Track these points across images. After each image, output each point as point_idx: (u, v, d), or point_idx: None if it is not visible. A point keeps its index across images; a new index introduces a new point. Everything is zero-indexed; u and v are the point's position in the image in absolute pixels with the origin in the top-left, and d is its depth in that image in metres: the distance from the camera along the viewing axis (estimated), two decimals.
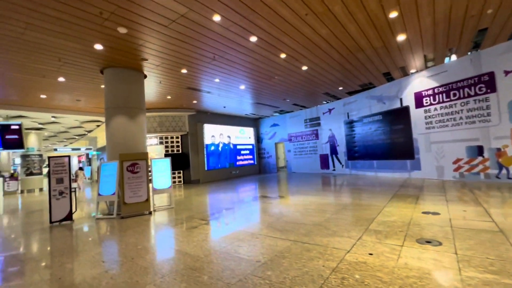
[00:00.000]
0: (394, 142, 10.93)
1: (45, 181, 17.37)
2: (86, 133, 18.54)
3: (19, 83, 8.12)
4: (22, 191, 14.88)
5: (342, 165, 13.99)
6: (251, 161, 18.06)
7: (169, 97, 11.01)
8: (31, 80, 8.00)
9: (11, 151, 13.01)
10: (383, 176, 11.27)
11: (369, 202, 6.24)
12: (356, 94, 12.77)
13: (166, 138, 13.89)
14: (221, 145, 15.70)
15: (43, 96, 9.71)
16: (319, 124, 15.32)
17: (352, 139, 13.15)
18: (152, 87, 9.49)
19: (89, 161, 23.77)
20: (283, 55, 7.36)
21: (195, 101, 12.20)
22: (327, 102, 14.48)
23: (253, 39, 6.22)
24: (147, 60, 7.00)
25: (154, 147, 13.79)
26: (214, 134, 15.31)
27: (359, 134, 12.71)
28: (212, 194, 9.61)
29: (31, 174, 15.15)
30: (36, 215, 7.67)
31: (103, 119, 13.68)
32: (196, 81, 9.17)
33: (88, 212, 7.45)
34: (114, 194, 6.57)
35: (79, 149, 17.68)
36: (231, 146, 16.42)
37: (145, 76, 8.06)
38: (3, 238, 5.28)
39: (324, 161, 15.10)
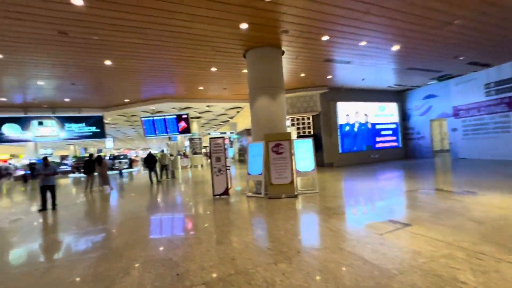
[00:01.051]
0: None
1: (200, 159, 21.48)
2: (229, 119, 21.49)
3: (186, 78, 9.82)
4: (190, 166, 19.25)
5: None
6: (394, 143, 14.96)
7: (302, 74, 10.36)
8: (193, 74, 9.44)
9: (183, 135, 16.95)
10: None
11: None
12: None
13: (298, 119, 13.57)
14: (357, 124, 13.76)
15: (200, 88, 11.51)
16: None
17: None
18: (286, 66, 9.08)
19: (231, 143, 28.04)
20: None
21: (329, 76, 10.96)
22: None
23: None
24: (287, 32, 6.44)
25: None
26: (349, 113, 13.56)
27: None
28: (356, 181, 8.30)
29: (195, 153, 19.26)
30: (200, 186, 9.24)
31: (242, 105, 15.06)
32: (336, 50, 7.90)
33: (241, 189, 8.09)
34: (261, 174, 6.65)
35: (225, 133, 20.95)
36: (369, 126, 14.11)
37: (283, 53, 7.64)
38: (182, 202, 6.47)
39: None
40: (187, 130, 14.87)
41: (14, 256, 3.74)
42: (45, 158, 7.05)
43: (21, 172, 17.90)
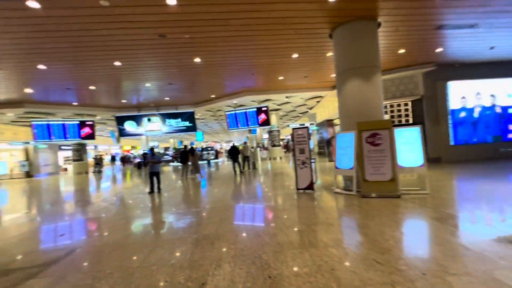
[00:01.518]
0: None
1: (278, 151, 21.41)
2: (308, 110, 20.61)
3: (266, 68, 9.68)
4: (270, 158, 19.51)
5: None
6: None
7: (401, 51, 8.61)
8: (273, 63, 9.19)
9: (262, 127, 17.26)
10: None
11: None
12: None
13: (392, 106, 11.58)
14: (477, 109, 10.68)
15: (280, 78, 11.21)
16: None
17: None
18: (379, 43, 7.66)
19: (309, 135, 27.01)
20: None
21: (439, 50, 8.74)
22: None
23: None
24: None
25: None
26: (466, 95, 10.63)
27: None
28: (480, 181, 6.30)
29: (274, 145, 19.35)
30: (281, 178, 9.01)
31: (323, 93, 14.01)
32: (455, 10, 6.08)
33: (324, 184, 7.43)
34: (352, 168, 5.81)
35: (303, 124, 20.28)
36: (497, 110, 10.73)
37: (379, 25, 6.40)
38: (266, 194, 6.34)
39: None
40: (266, 123, 14.98)
41: (129, 231, 4.33)
42: (152, 149, 8.21)
43: (137, 160, 22.19)
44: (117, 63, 8.05)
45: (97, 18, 5.38)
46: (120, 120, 15.78)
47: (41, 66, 7.82)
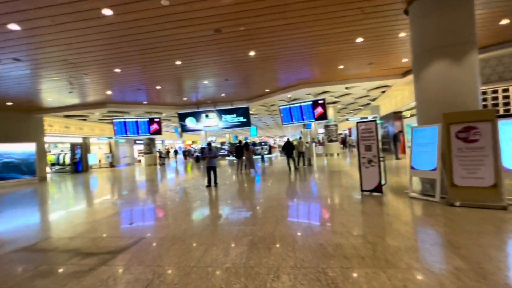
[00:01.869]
0: None
1: (335, 147, 20.17)
2: (370, 102, 18.65)
3: (324, 56, 8.91)
4: (326, 154, 18.43)
5: None
6: None
7: (504, 21, 6.78)
8: (333, 51, 8.37)
9: (318, 122, 16.30)
10: None
11: None
12: None
13: (484, 93, 9.39)
14: None
15: (341, 67, 10.24)
16: None
17: None
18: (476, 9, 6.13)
19: (377, 130, 24.54)
20: None
21: None
22: None
23: None
24: None
25: None
26: None
27: None
28: None
29: (331, 141, 18.18)
30: (338, 177, 8.22)
31: (391, 82, 12.36)
32: None
33: (394, 186, 6.44)
34: (435, 169, 4.79)
35: (366, 118, 18.44)
36: None
37: None
38: (324, 195, 5.79)
39: None
40: (323, 116, 14.06)
41: (188, 225, 4.40)
42: (209, 144, 8.46)
43: (196, 154, 23.79)
44: (178, 62, 8.49)
45: (159, 19, 5.63)
46: (182, 117, 17.01)
47: (117, 70, 8.80)
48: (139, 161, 28.70)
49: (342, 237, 3.34)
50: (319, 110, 14.11)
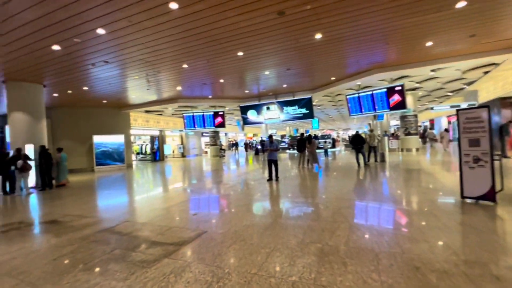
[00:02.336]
0: None
1: (414, 140, 17.35)
2: (465, 86, 15.21)
3: (406, 32, 7.40)
4: (401, 149, 16.02)
5: None
6: None
7: None
8: (419, 24, 6.84)
9: (393, 112, 14.15)
10: None
11: None
12: None
13: None
14: None
15: (428, 44, 8.41)
16: None
17: None
18: None
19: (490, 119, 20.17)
20: None
21: None
22: None
23: None
24: None
25: None
26: None
27: None
28: None
29: (409, 134, 15.66)
30: (418, 177, 6.75)
31: (500, 58, 9.63)
32: None
33: (511, 194, 4.86)
34: None
35: (458, 105, 15.08)
36: None
37: None
38: (408, 200, 4.74)
39: None
40: (401, 105, 12.06)
41: (249, 221, 4.16)
42: (270, 136, 8.15)
43: (256, 147, 24.09)
44: (240, 53, 8.36)
45: (221, 7, 5.46)
46: (244, 110, 17.27)
47: (185, 65, 9.27)
48: (206, 152, 30.94)
49: (448, 262, 2.50)
50: (395, 98, 12.16)
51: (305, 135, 11.97)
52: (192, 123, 18.57)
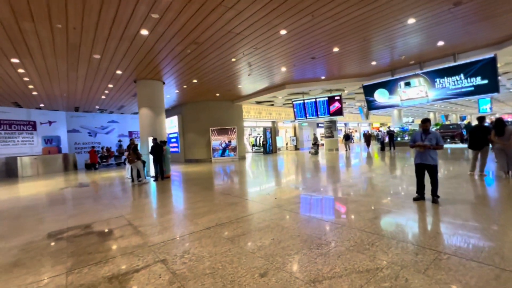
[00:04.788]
0: None
1: None
2: None
3: None
4: None
5: None
6: None
7: None
8: None
9: None
10: None
11: None
12: None
13: None
14: None
15: None
16: None
17: None
18: None
19: None
20: None
21: None
22: None
23: None
24: None
25: None
26: None
27: None
28: None
29: None
30: None
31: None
32: None
33: None
34: None
35: None
36: None
37: None
38: None
39: None
40: None
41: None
42: (425, 121, 4.58)
43: (381, 140, 18.76)
44: None
45: None
46: (369, 90, 13.09)
47: (283, 31, 7.03)
48: (322, 145, 28.01)
49: None
50: None
51: (486, 122, 6.98)
52: (302, 112, 16.32)
